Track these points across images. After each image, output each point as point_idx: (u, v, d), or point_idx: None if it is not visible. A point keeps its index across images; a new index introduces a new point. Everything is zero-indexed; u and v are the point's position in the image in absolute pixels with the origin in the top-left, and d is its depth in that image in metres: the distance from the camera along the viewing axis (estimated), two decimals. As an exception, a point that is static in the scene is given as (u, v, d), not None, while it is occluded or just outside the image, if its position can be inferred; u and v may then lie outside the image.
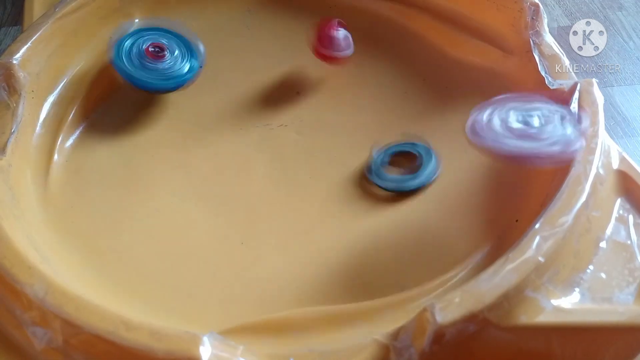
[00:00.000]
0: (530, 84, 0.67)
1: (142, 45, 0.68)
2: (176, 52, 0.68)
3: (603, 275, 0.49)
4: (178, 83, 0.68)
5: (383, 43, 0.79)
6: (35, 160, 0.63)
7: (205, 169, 0.66)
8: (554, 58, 0.65)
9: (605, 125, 0.56)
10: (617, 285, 0.48)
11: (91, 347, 0.44)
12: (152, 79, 0.67)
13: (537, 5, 0.70)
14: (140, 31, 0.70)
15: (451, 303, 0.43)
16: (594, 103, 0.58)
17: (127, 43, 0.68)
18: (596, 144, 0.54)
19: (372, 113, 0.72)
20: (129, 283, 0.56)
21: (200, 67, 0.69)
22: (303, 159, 0.67)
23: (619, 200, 0.53)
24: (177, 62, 0.68)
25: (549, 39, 0.68)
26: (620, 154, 0.56)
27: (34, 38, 0.67)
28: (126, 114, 0.71)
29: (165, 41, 0.69)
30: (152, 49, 0.68)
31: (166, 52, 0.68)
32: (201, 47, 0.70)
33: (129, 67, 0.67)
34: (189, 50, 0.69)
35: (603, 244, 0.50)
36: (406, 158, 0.65)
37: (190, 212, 0.62)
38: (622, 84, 0.93)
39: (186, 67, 0.68)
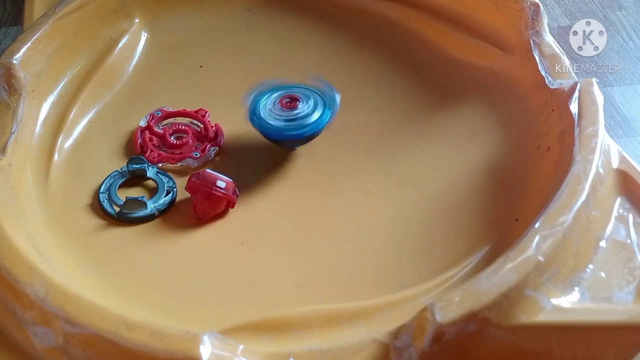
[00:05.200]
0: (530, 84, 0.67)
1: (276, 99, 0.65)
2: (310, 102, 0.65)
3: (603, 274, 0.49)
4: (308, 131, 0.64)
5: (383, 43, 0.79)
6: (36, 160, 0.64)
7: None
8: (554, 58, 0.66)
9: (605, 125, 0.56)
10: (617, 284, 0.48)
11: (92, 346, 0.44)
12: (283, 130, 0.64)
13: (537, 5, 0.70)
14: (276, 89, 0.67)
15: (451, 302, 0.44)
16: (593, 103, 0.58)
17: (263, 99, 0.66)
18: (596, 143, 0.54)
19: (372, 113, 0.72)
20: (129, 283, 0.56)
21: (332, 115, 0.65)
22: (303, 159, 0.67)
23: (618, 200, 0.53)
24: (309, 111, 0.64)
25: (549, 38, 0.68)
26: (620, 153, 0.56)
27: (34, 38, 0.67)
28: (126, 113, 0.71)
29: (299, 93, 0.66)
30: (286, 101, 0.65)
31: (298, 103, 0.65)
32: (337, 97, 0.66)
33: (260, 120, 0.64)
34: (324, 99, 0.66)
35: (603, 243, 0.50)
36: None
37: (190, 212, 0.61)
38: (622, 83, 0.93)
39: (316, 116, 0.64)
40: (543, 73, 0.65)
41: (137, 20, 0.79)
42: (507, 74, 0.71)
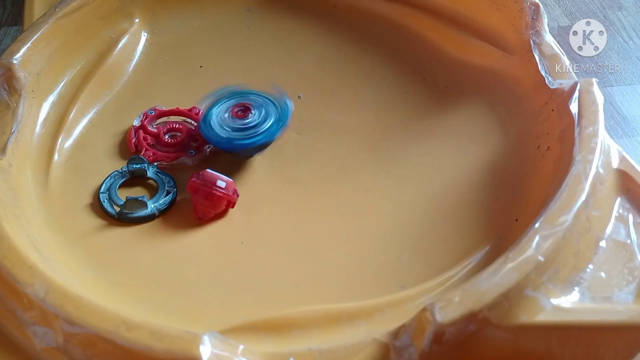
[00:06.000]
0: (530, 84, 0.67)
1: (228, 108, 0.65)
2: (261, 110, 0.65)
3: (603, 274, 0.49)
4: (257, 141, 0.64)
5: (383, 43, 0.79)
6: (36, 160, 0.64)
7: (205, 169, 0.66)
8: (554, 58, 0.66)
9: (605, 124, 0.56)
10: (616, 284, 0.48)
11: (91, 346, 0.44)
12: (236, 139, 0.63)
13: (537, 5, 0.70)
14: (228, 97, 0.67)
15: (451, 302, 0.44)
16: (593, 103, 0.58)
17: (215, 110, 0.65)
18: (596, 143, 0.54)
19: (372, 113, 0.72)
20: (129, 283, 0.55)
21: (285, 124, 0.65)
22: (303, 158, 0.67)
23: (618, 200, 0.53)
24: (260, 120, 0.64)
25: (549, 38, 0.68)
26: (620, 153, 0.56)
27: (34, 38, 0.67)
28: (126, 113, 0.71)
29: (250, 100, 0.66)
30: (238, 110, 0.65)
31: (250, 112, 0.65)
32: (290, 105, 0.66)
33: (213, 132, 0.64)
34: (276, 108, 0.65)
35: (603, 243, 0.50)
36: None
37: (190, 211, 0.61)
38: (622, 83, 0.93)
39: (267, 125, 0.64)
40: (543, 73, 0.65)
41: (137, 20, 0.79)
42: (507, 74, 0.71)
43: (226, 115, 0.65)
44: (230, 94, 0.67)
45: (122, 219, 0.60)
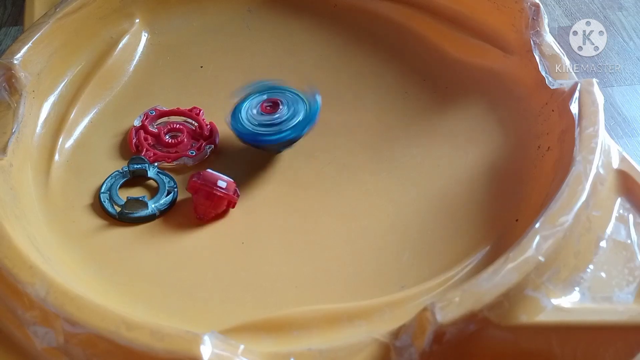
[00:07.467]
0: (531, 84, 0.67)
1: (258, 102, 0.65)
2: (291, 106, 0.65)
3: (603, 274, 0.49)
4: (285, 136, 0.64)
5: (383, 43, 0.79)
6: (36, 160, 0.64)
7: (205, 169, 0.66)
8: (554, 58, 0.66)
9: (605, 125, 0.56)
10: (617, 284, 0.48)
11: (92, 346, 0.44)
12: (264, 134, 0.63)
13: (537, 6, 0.70)
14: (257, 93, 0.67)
15: (451, 302, 0.44)
16: (594, 103, 0.58)
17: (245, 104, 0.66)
18: (596, 143, 0.54)
19: (372, 113, 0.72)
20: (130, 283, 0.56)
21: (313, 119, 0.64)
22: (303, 159, 0.67)
23: (619, 200, 0.53)
24: (289, 116, 0.64)
25: (549, 39, 0.68)
26: (620, 153, 0.56)
27: (34, 38, 0.67)
28: (126, 113, 0.71)
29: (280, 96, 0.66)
30: (267, 105, 0.65)
31: (279, 107, 0.64)
32: (318, 100, 0.65)
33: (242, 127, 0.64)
34: (306, 104, 0.65)
35: (603, 244, 0.50)
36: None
37: (191, 211, 0.62)
38: (622, 84, 0.93)
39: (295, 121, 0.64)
40: (543, 73, 0.65)
41: (137, 20, 0.79)
42: (507, 74, 0.71)
43: (255, 110, 0.65)
44: (262, 89, 0.67)
45: (122, 219, 0.60)
